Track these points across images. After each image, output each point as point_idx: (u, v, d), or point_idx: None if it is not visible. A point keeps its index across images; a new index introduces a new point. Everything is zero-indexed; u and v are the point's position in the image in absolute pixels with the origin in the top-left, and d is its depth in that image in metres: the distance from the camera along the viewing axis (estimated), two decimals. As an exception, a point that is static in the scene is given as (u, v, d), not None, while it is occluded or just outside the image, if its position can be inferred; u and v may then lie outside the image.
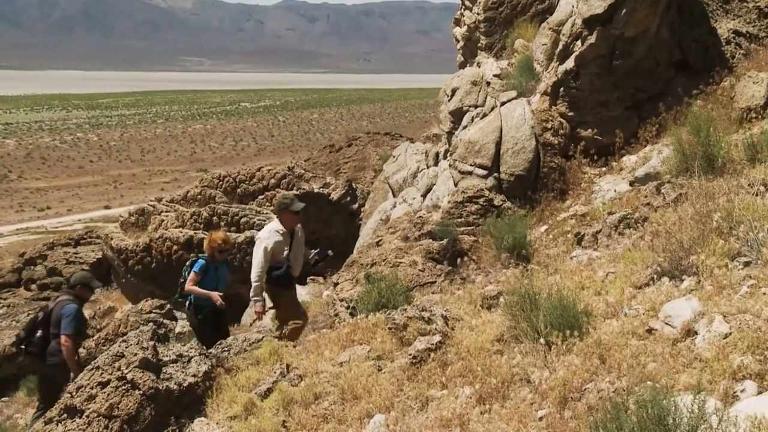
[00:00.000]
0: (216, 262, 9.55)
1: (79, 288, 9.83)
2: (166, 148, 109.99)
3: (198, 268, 9.38)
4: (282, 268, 9.11)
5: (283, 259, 9.12)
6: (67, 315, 9.33)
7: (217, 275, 9.54)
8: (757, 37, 13.18)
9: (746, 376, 3.84)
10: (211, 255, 9.53)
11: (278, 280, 9.12)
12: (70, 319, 9.30)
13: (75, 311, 9.42)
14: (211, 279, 9.44)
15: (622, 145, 12.35)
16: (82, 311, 9.69)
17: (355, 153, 37.17)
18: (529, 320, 5.29)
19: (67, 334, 9.22)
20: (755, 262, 5.16)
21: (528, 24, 15.95)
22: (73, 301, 9.56)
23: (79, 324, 9.48)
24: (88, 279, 10.12)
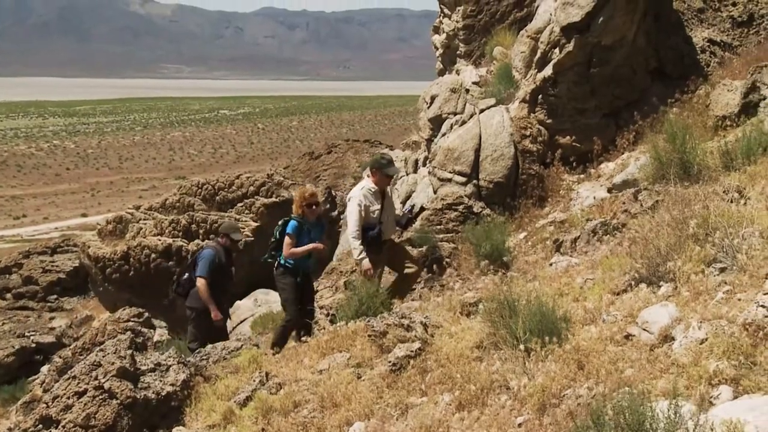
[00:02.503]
0: (308, 223, 9.10)
1: (223, 237, 10.29)
2: (144, 156, 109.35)
3: (291, 229, 8.97)
4: (374, 229, 8.96)
5: (374, 219, 8.98)
6: (201, 258, 9.97)
7: (311, 236, 9.09)
8: (731, 46, 13.34)
9: (722, 381, 3.87)
10: (302, 214, 9.08)
11: (370, 243, 8.94)
12: (204, 263, 9.89)
13: (209, 256, 9.96)
14: (304, 241, 9.03)
15: (600, 152, 12.44)
16: (218, 256, 10.01)
17: (334, 160, 37.15)
18: (508, 327, 5.31)
19: (200, 276, 9.82)
20: (731, 268, 5.21)
21: (506, 32, 16.05)
22: (213, 247, 10.18)
23: (211, 267, 9.85)
24: (231, 229, 10.46)
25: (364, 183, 9.26)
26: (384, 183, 9.16)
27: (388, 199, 9.27)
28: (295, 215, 9.15)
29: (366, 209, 8.91)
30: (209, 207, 23.66)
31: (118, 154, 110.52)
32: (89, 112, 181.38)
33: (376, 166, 9.19)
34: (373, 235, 8.95)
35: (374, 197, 9.02)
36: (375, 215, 8.98)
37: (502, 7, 17.11)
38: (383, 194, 9.15)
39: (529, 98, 13.02)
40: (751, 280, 4.87)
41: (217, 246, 10.25)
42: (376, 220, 9.00)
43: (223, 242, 10.21)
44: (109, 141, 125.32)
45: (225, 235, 10.25)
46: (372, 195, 9.01)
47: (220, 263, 10.00)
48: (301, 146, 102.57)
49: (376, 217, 8.99)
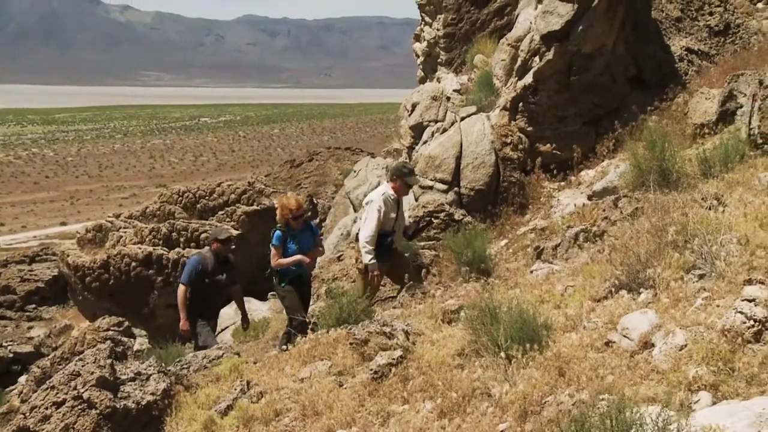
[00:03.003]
0: (294, 230, 9.05)
1: (212, 243, 10.19)
2: (124, 164, 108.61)
3: (276, 240, 8.97)
4: (390, 237, 8.96)
5: (390, 226, 8.96)
6: (186, 265, 10.04)
7: (299, 242, 9.04)
8: (708, 54, 13.47)
9: (701, 387, 3.90)
10: (286, 224, 9.06)
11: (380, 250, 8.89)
12: (186, 269, 9.92)
13: (192, 262, 9.95)
14: (291, 249, 9.01)
15: (581, 159, 12.51)
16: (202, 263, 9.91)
17: (315, 168, 37.14)
18: (489, 334, 5.32)
19: (181, 282, 9.86)
20: (709, 274, 5.25)
21: (487, 40, 16.12)
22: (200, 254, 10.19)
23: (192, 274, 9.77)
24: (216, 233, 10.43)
25: (384, 189, 9.15)
26: (403, 191, 9.14)
27: (401, 207, 9.26)
28: (280, 224, 9.12)
29: (385, 215, 8.86)
30: (190, 215, 23.55)
31: (97, 162, 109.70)
32: (68, 120, 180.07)
33: (398, 174, 9.10)
34: (387, 244, 8.95)
35: (392, 204, 9.00)
36: (390, 222, 8.96)
37: (483, 15, 17.19)
38: (398, 203, 9.14)
39: (510, 106, 13.08)
40: (729, 286, 4.91)
41: (206, 253, 10.10)
42: (391, 227, 8.99)
43: (213, 248, 10.03)
44: (88, 149, 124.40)
45: (213, 240, 10.12)
46: (391, 202, 8.98)
47: (205, 270, 9.83)
48: (283, 154, 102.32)
49: (391, 224, 8.98)
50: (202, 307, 9.87)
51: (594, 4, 11.91)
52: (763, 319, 4.19)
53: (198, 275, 9.77)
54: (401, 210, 9.22)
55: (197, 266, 9.82)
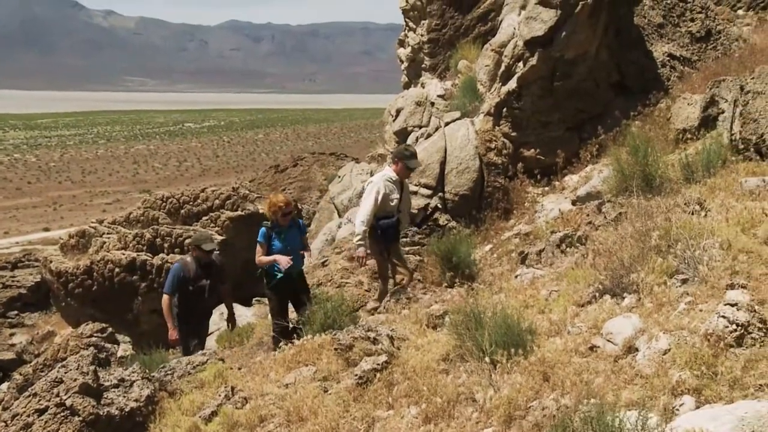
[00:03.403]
0: (281, 227, 8.94)
1: (194, 249, 9.99)
2: (108, 169, 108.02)
3: (261, 237, 8.87)
4: (392, 218, 8.93)
5: (392, 208, 8.94)
6: (169, 274, 9.87)
7: (285, 240, 8.92)
8: (690, 60, 13.58)
9: (684, 391, 3.92)
10: (275, 220, 8.95)
11: (386, 231, 8.92)
12: (169, 279, 9.74)
13: (174, 270, 9.78)
14: (277, 246, 8.88)
15: (564, 164, 12.57)
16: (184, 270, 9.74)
17: (300, 173, 37.12)
18: (474, 339, 5.32)
19: (165, 292, 9.68)
20: (692, 279, 5.28)
21: (471, 45, 16.17)
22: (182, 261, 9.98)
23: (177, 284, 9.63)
24: (200, 240, 10.10)
25: (385, 171, 9.25)
26: (404, 174, 9.17)
27: (406, 190, 9.30)
28: (268, 222, 9.07)
29: (385, 198, 8.90)
30: (174, 221, 23.44)
31: (80, 168, 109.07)
32: (51, 125, 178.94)
33: (399, 156, 9.16)
34: (391, 224, 8.97)
35: (394, 186, 9.02)
36: (393, 203, 8.98)
37: (467, 21, 17.25)
38: (402, 185, 9.17)
39: (494, 111, 13.12)
40: (712, 291, 4.94)
41: (187, 259, 9.98)
42: (395, 209, 9.00)
43: (194, 254, 9.89)
44: (71, 154, 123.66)
45: (195, 247, 9.93)
46: (392, 184, 9.01)
47: (187, 277, 9.71)
48: (267, 159, 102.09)
49: (394, 205, 8.99)
50: (189, 313, 9.76)
51: (577, 10, 11.98)
52: (745, 324, 4.22)
53: (181, 283, 9.66)
54: (406, 192, 9.26)
55: (179, 274, 9.70)
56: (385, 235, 9.01)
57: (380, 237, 9.03)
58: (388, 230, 8.99)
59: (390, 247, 9.22)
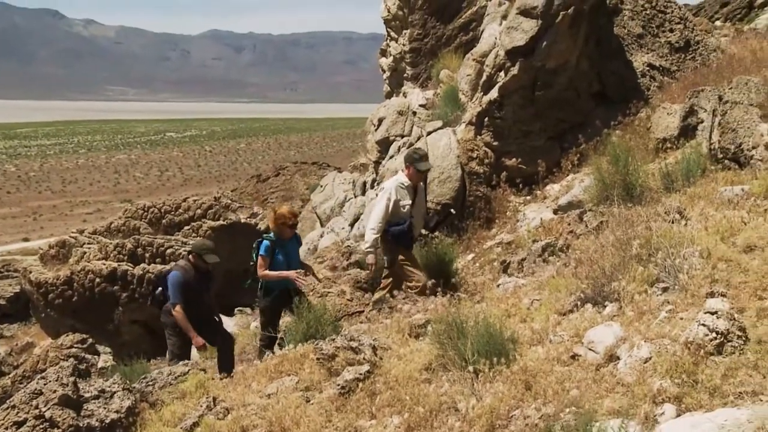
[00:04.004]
0: (283, 240, 8.91)
1: (193, 255, 9.54)
2: (88, 179, 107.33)
3: (264, 250, 8.76)
4: (403, 224, 8.78)
5: (404, 214, 8.80)
6: (170, 284, 9.30)
7: (287, 253, 8.90)
8: (669, 70, 13.71)
9: (665, 400, 3.94)
10: (279, 233, 8.87)
11: (398, 237, 8.78)
12: (173, 288, 9.22)
13: (176, 279, 9.26)
14: (279, 259, 8.83)
15: (546, 174, 12.64)
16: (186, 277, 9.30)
17: (282, 183, 37.06)
18: (456, 348, 5.32)
19: (174, 303, 9.18)
20: (673, 287, 5.31)
21: (453, 55, 16.25)
22: (182, 268, 9.43)
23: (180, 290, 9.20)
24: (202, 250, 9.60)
25: (397, 177, 9.10)
26: (417, 178, 9.00)
27: (420, 195, 9.13)
28: (271, 233, 8.98)
29: (396, 204, 8.77)
30: (155, 230, 23.31)
31: (61, 177, 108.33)
32: (31, 135, 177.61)
33: (409, 161, 9.03)
34: (403, 230, 8.82)
35: (407, 192, 8.89)
36: (405, 210, 8.85)
37: (448, 31, 17.33)
38: (416, 189, 9.03)
39: (476, 121, 13.18)
40: (693, 299, 4.98)
41: (186, 265, 9.56)
42: (407, 215, 8.86)
43: (194, 261, 9.50)
44: (51, 164, 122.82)
45: (196, 254, 9.55)
46: (405, 189, 8.88)
47: (190, 284, 9.35)
48: (249, 169, 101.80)
49: (406, 212, 8.85)
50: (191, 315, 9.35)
51: (558, 20, 12.07)
52: (725, 332, 4.25)
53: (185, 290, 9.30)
54: (420, 197, 9.10)
55: (183, 282, 9.33)
56: (396, 241, 8.90)
57: (392, 244, 8.93)
58: (399, 237, 8.87)
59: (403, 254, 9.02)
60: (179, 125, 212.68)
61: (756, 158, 7.98)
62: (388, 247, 8.94)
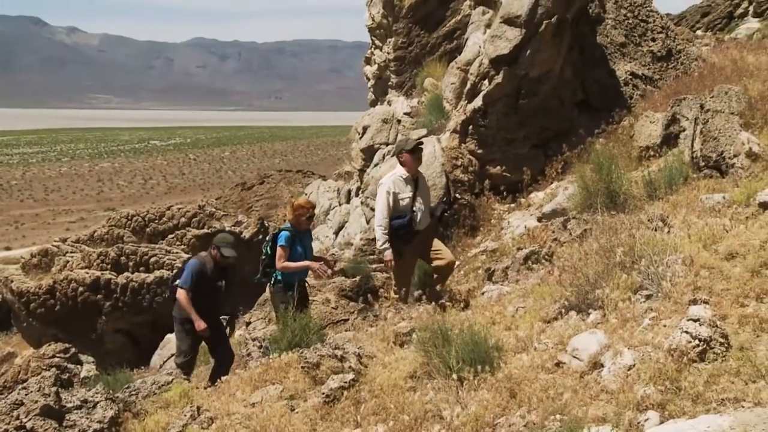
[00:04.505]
0: (301, 232, 8.90)
1: (213, 248, 9.42)
2: (71, 187, 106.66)
3: (284, 240, 8.70)
4: (404, 218, 8.50)
5: (404, 207, 8.53)
6: (186, 269, 9.30)
7: (304, 245, 8.89)
8: (652, 79, 13.82)
9: (649, 407, 3.96)
10: (297, 224, 8.86)
11: (398, 232, 8.51)
12: (187, 273, 9.19)
13: (193, 265, 9.25)
14: (298, 251, 8.80)
15: (530, 181, 12.68)
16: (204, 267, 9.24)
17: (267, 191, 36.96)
18: (441, 356, 5.33)
19: (181, 286, 9.11)
20: (656, 295, 5.34)
21: (437, 63, 16.30)
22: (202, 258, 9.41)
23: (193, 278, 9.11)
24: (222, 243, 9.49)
25: (395, 170, 8.82)
26: (412, 165, 8.67)
27: (423, 186, 8.84)
28: (288, 224, 8.98)
29: (395, 197, 8.51)
30: (139, 239, 23.21)
31: (43, 186, 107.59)
32: (13, 143, 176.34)
33: (397, 151, 8.83)
34: (402, 224, 8.52)
35: (405, 184, 8.60)
36: (405, 203, 8.56)
37: (433, 39, 17.38)
38: (416, 181, 8.72)
39: (460, 129, 13.21)
40: (675, 306, 5.01)
41: (207, 257, 9.45)
42: (407, 209, 8.56)
43: (214, 255, 9.38)
44: (34, 172, 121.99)
45: (216, 247, 9.40)
46: (403, 182, 8.60)
47: (205, 275, 9.26)
48: (234, 177, 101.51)
49: (406, 205, 8.55)
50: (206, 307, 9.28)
51: (541, 29, 12.13)
52: (708, 339, 4.28)
53: (199, 279, 9.21)
54: (421, 188, 8.79)
55: (198, 271, 9.24)
56: (396, 235, 8.60)
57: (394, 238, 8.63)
58: (399, 231, 8.57)
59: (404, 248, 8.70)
60: (163, 133, 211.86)
61: (737, 166, 8.05)
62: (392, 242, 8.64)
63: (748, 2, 36.37)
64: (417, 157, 8.76)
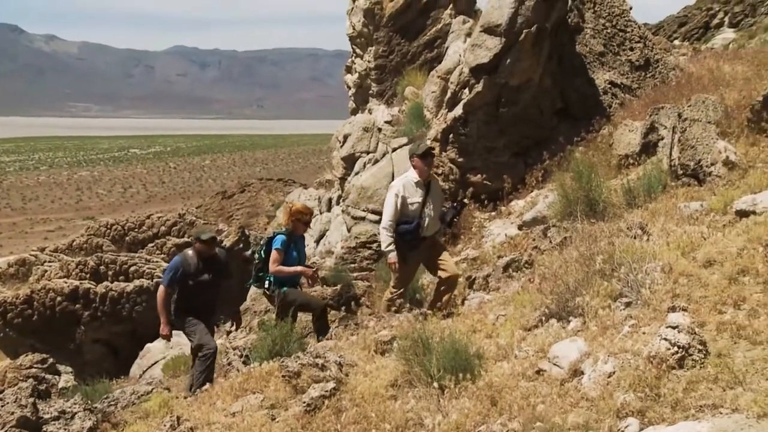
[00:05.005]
0: (296, 236, 8.89)
1: (195, 242, 9.27)
2: (50, 196, 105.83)
3: (280, 244, 8.69)
4: (411, 224, 8.34)
5: (412, 212, 8.37)
6: (167, 267, 9.33)
7: (299, 250, 8.90)
8: (630, 88, 13.93)
9: (629, 414, 3.97)
10: (293, 228, 8.84)
11: (404, 237, 8.36)
12: (166, 271, 9.24)
13: (173, 263, 9.19)
14: (293, 256, 8.79)
15: (511, 190, 12.73)
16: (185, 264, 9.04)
17: (247, 199, 36.88)
18: (422, 364, 5.33)
19: (161, 284, 9.14)
20: (635, 302, 5.37)
21: (418, 72, 16.36)
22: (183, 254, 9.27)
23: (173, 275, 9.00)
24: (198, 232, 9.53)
25: (407, 173, 8.69)
26: (424, 169, 8.51)
27: (435, 191, 8.67)
28: (285, 229, 8.95)
29: (404, 200, 8.37)
30: (119, 248, 23.08)
31: (21, 195, 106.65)
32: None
33: (411, 153, 8.67)
34: (408, 230, 8.38)
35: (416, 188, 8.46)
36: (413, 208, 8.41)
37: (413, 48, 17.44)
38: (428, 186, 8.57)
39: (441, 137, 13.24)
40: (655, 313, 5.04)
41: (188, 253, 9.25)
42: (416, 213, 8.41)
43: (196, 248, 9.19)
44: (11, 181, 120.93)
45: (196, 239, 9.27)
46: (413, 186, 8.46)
47: (187, 272, 9.03)
48: (214, 185, 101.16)
49: (414, 210, 8.40)
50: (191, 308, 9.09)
51: (521, 38, 12.21)
52: (686, 346, 4.31)
53: (180, 277, 9.02)
54: (433, 193, 8.64)
55: (178, 268, 9.07)
56: (402, 240, 8.46)
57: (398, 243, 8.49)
58: (405, 236, 8.43)
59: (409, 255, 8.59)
60: (143, 141, 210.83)
61: (714, 174, 8.12)
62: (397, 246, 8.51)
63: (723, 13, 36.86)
64: (428, 162, 8.61)
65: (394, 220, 8.41)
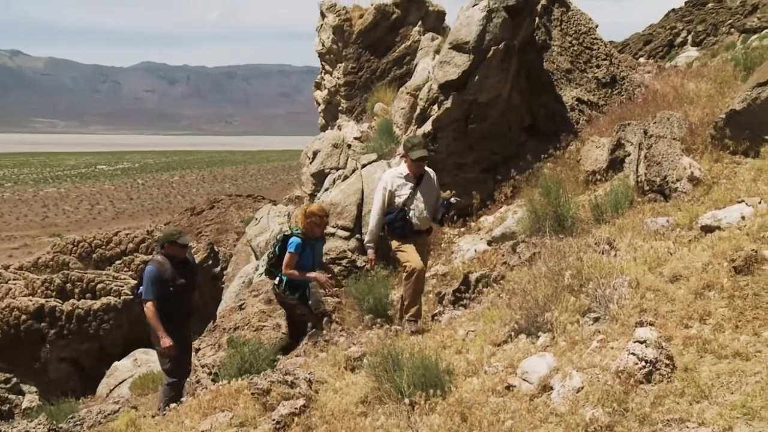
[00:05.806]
0: (312, 239, 8.77)
1: (167, 245, 8.85)
2: (15, 213, 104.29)
3: (294, 248, 8.58)
4: (393, 214, 8.35)
5: (398, 204, 8.38)
6: (145, 279, 8.68)
7: (314, 253, 8.79)
8: (597, 104, 14.11)
9: (597, 429, 3.99)
10: (309, 231, 8.72)
11: (390, 226, 8.38)
12: (147, 284, 8.60)
13: (150, 273, 8.62)
14: (307, 258, 8.69)
15: (480, 206, 12.79)
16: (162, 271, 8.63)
17: (216, 216, 36.66)
18: (392, 381, 5.31)
19: (147, 299, 8.53)
20: (603, 317, 5.41)
21: (387, 88, 16.43)
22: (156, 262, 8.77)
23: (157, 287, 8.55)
24: (172, 235, 8.98)
25: (398, 167, 8.79)
26: (414, 168, 8.52)
27: (426, 185, 8.63)
28: (300, 231, 8.85)
29: (391, 194, 8.43)
30: (86, 265, 22.83)
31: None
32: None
33: (404, 150, 8.72)
34: (392, 219, 8.39)
35: (405, 181, 8.49)
36: (400, 200, 8.42)
37: (383, 64, 17.53)
38: (420, 179, 8.58)
39: (410, 154, 13.27)
40: (623, 328, 5.07)
41: (160, 259, 8.82)
42: (400, 206, 8.42)
43: (167, 250, 8.81)
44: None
45: (168, 242, 8.85)
46: (403, 179, 8.49)
47: (165, 278, 8.64)
48: (183, 201, 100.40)
49: (400, 201, 8.41)
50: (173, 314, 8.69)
51: (489, 55, 12.31)
52: (654, 360, 4.34)
53: (160, 284, 8.62)
54: (425, 186, 8.60)
55: (156, 276, 8.64)
56: (391, 229, 8.49)
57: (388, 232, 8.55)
58: (393, 225, 8.45)
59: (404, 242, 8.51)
60: (111, 158, 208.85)
61: (680, 190, 8.22)
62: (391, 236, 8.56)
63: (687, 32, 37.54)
64: (418, 165, 8.62)
65: (382, 215, 8.48)
